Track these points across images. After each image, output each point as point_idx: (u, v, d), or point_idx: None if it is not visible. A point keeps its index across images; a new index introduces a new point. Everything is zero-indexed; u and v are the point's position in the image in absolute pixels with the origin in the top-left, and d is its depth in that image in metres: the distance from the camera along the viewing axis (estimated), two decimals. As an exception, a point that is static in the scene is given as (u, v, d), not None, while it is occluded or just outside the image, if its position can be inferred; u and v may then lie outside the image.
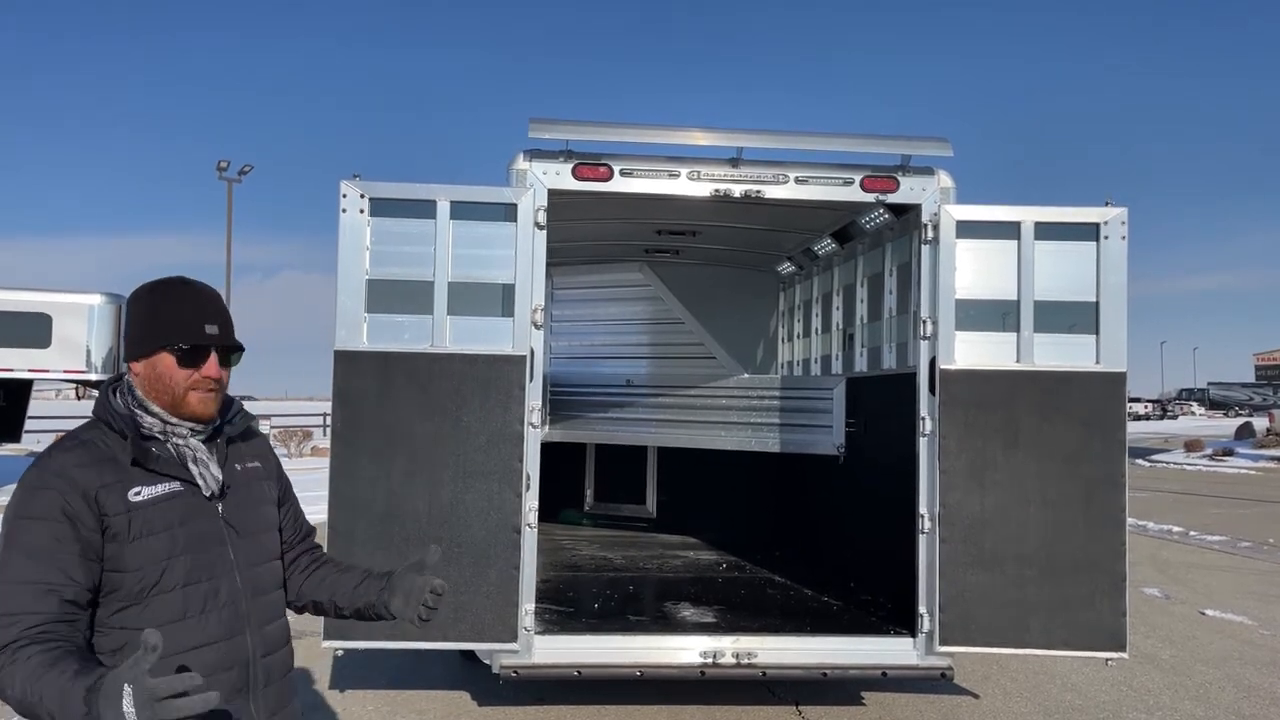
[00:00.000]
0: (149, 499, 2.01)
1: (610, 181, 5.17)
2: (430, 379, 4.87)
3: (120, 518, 1.97)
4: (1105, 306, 5.11)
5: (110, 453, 2.03)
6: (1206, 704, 6.16)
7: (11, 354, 16.01)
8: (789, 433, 8.05)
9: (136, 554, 1.98)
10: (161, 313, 2.12)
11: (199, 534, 2.08)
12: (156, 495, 2.03)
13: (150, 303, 2.14)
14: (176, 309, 2.12)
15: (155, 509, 2.02)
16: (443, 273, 4.96)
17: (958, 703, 6.07)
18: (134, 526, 1.98)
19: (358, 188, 4.91)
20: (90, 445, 2.04)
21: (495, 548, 4.82)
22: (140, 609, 1.98)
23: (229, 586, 2.12)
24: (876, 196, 5.33)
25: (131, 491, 2.00)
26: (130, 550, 1.97)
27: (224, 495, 2.16)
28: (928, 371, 5.13)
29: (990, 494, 5.01)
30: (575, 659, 5.11)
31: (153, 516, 2.01)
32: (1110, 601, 4.96)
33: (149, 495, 2.02)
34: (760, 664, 5.16)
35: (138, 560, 1.98)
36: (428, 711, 5.80)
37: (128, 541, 1.97)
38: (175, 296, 2.14)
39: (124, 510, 1.98)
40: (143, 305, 2.14)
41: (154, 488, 2.03)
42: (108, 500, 1.96)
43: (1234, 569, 11.11)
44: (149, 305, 2.14)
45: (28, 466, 2.04)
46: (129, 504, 1.98)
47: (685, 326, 8.88)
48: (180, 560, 2.03)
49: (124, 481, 2.00)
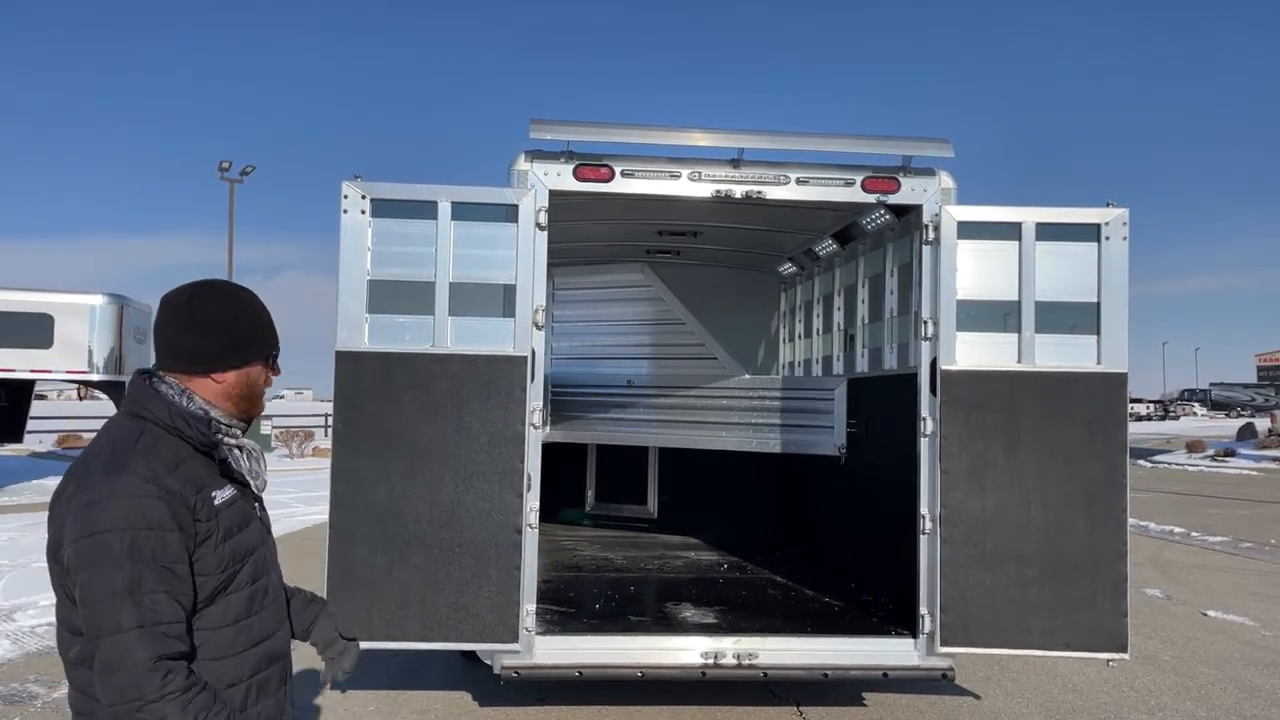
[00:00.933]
0: (225, 502, 2.05)
1: (611, 182, 5.17)
2: (431, 379, 4.87)
3: (210, 523, 2.00)
4: (1106, 307, 5.10)
5: (179, 455, 2.01)
6: (1208, 705, 6.16)
7: (13, 354, 16.04)
8: (790, 433, 8.04)
9: (217, 557, 2.02)
10: (257, 323, 2.15)
11: (255, 533, 2.16)
12: (228, 498, 2.07)
13: (238, 312, 2.13)
14: (262, 318, 2.17)
15: (229, 512, 2.06)
16: (444, 273, 4.96)
17: (959, 703, 6.07)
18: (219, 531, 2.02)
19: (359, 188, 4.91)
20: (163, 452, 1.99)
21: (496, 548, 4.82)
22: (213, 609, 2.02)
23: (273, 584, 2.22)
24: (878, 197, 5.33)
25: (213, 495, 2.03)
26: (214, 554, 2.01)
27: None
28: (929, 372, 5.13)
29: (991, 494, 5.01)
30: (576, 659, 5.11)
31: (228, 520, 2.05)
32: (1112, 602, 4.95)
33: (223, 498, 2.05)
34: (761, 665, 5.16)
35: (218, 564, 2.02)
36: (429, 712, 5.81)
37: (213, 546, 2.01)
38: (253, 305, 2.17)
39: (212, 516, 2.01)
40: (228, 314, 2.11)
41: (224, 491, 2.06)
42: (201, 507, 1.99)
43: (1235, 570, 11.10)
44: (236, 314, 2.13)
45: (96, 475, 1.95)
46: (214, 509, 2.01)
47: (686, 327, 8.88)
48: (247, 562, 2.10)
49: (207, 486, 2.02)
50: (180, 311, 2.09)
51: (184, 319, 2.08)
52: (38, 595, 8.64)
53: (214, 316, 2.09)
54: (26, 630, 7.61)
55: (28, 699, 6.00)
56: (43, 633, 7.51)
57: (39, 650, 7.06)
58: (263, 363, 2.16)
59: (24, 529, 12.59)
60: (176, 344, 2.08)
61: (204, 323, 2.08)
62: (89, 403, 43.02)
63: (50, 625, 7.71)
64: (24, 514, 14.14)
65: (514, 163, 5.11)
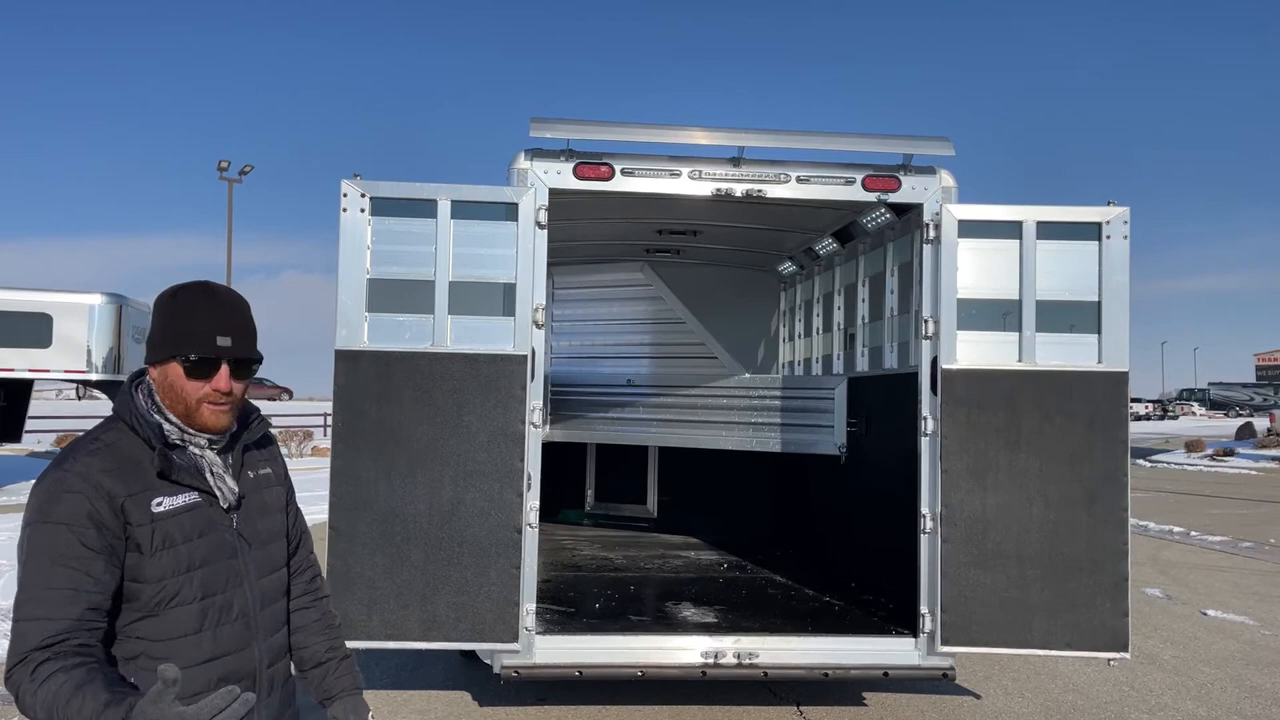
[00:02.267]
0: (170, 510, 2.00)
1: (611, 181, 5.16)
2: (431, 379, 4.86)
3: (144, 529, 1.95)
4: (1107, 306, 5.10)
5: (134, 457, 2.00)
6: (1208, 704, 6.15)
7: (12, 354, 16.03)
8: (790, 432, 8.04)
9: (156, 566, 1.96)
10: (175, 320, 2.06)
11: (215, 546, 2.07)
12: (177, 507, 2.01)
13: (168, 309, 2.08)
14: (189, 318, 2.06)
15: (175, 521, 2.00)
16: (444, 272, 4.95)
17: (959, 703, 6.06)
18: (155, 538, 1.96)
19: (358, 187, 4.90)
20: (114, 449, 2.00)
21: (496, 547, 4.81)
22: (156, 620, 1.98)
23: (240, 600, 2.12)
24: (878, 196, 5.32)
25: (154, 502, 1.98)
26: (150, 562, 1.96)
27: (239, 506, 2.15)
28: (929, 371, 5.12)
29: (992, 494, 5.00)
30: (576, 659, 5.10)
31: (172, 529, 1.99)
32: (1112, 601, 4.95)
33: (170, 506, 2.00)
34: (761, 664, 5.15)
35: (157, 572, 1.96)
36: (429, 711, 5.80)
37: (149, 554, 1.95)
38: (190, 304, 2.08)
39: (147, 521, 1.96)
40: (161, 311, 2.09)
41: (175, 499, 2.01)
42: (133, 510, 1.94)
43: (1235, 569, 11.10)
44: (166, 311, 2.08)
45: (48, 466, 2.02)
46: (152, 515, 1.97)
47: (686, 326, 8.87)
48: (197, 574, 2.02)
49: (148, 490, 1.98)
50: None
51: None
52: (36, 595, 8.63)
53: (154, 312, 2.10)
54: (25, 630, 7.59)
55: (26, 699, 5.99)
56: (41, 632, 7.50)
57: (38, 650, 7.05)
58: (176, 363, 2.03)
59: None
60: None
61: (152, 318, 2.11)
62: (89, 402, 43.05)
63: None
64: (22, 514, 14.12)
65: (514, 161, 5.10)
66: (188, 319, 2.05)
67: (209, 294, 2.12)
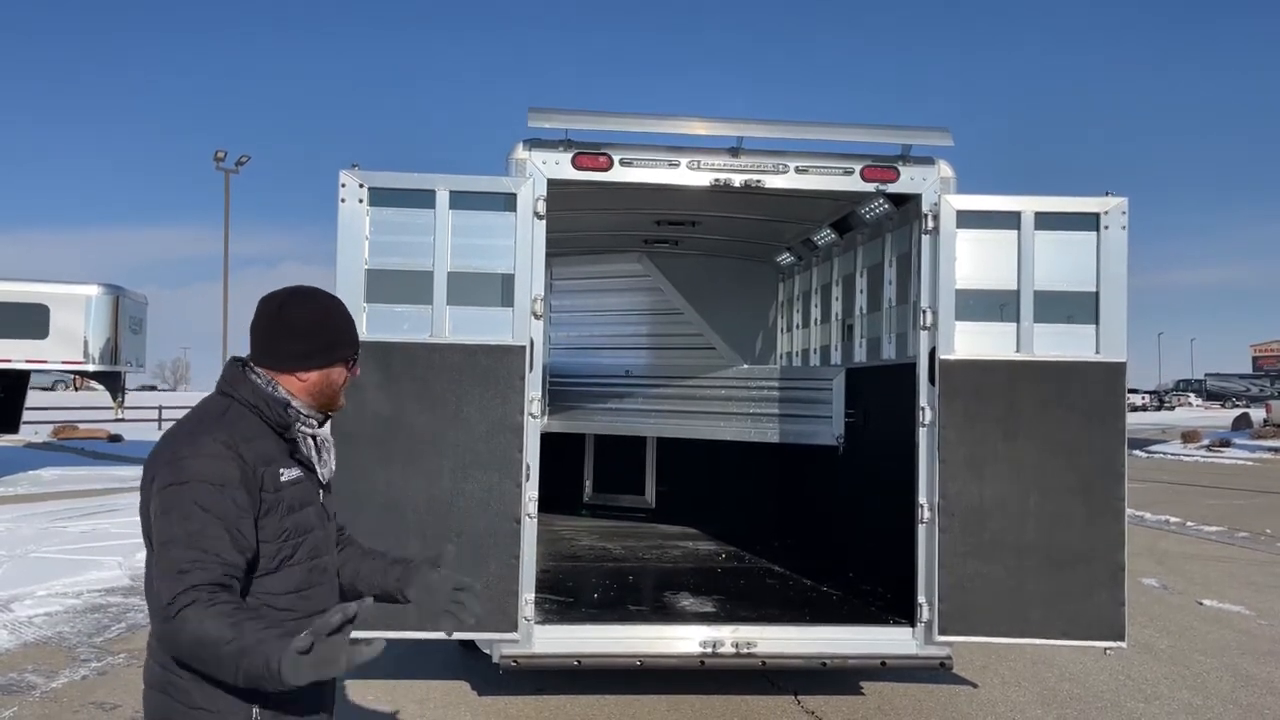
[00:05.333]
0: (291, 480, 2.24)
1: (610, 171, 5.16)
2: (430, 369, 4.86)
3: (275, 495, 2.19)
4: (1105, 297, 5.10)
5: (256, 431, 2.22)
6: (1204, 693, 6.18)
7: (9, 345, 16.01)
8: (788, 423, 8.05)
9: (280, 528, 2.20)
10: (336, 331, 2.36)
11: (316, 516, 2.32)
12: (294, 477, 2.26)
13: (321, 318, 2.34)
14: (347, 323, 2.39)
15: (295, 489, 2.25)
16: (442, 263, 4.95)
17: (956, 692, 6.09)
18: (283, 504, 2.21)
19: (356, 178, 4.90)
20: (239, 425, 2.20)
21: (495, 538, 4.82)
22: (274, 577, 2.20)
23: (331, 564, 2.39)
24: (877, 186, 5.32)
25: (281, 472, 2.22)
26: (276, 525, 2.19)
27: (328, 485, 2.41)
28: (928, 361, 5.13)
29: (990, 484, 5.01)
30: (575, 649, 5.12)
31: (293, 496, 2.24)
32: (1109, 591, 4.97)
33: (289, 477, 2.24)
34: (760, 654, 5.17)
35: (279, 533, 2.20)
36: (428, 701, 5.82)
37: (276, 517, 2.19)
38: (338, 314, 2.38)
39: (278, 489, 2.20)
40: (313, 322, 2.32)
41: (291, 471, 2.26)
42: (269, 479, 2.18)
43: (1231, 559, 11.14)
44: (320, 321, 2.33)
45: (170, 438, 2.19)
46: (280, 483, 2.21)
47: (684, 317, 8.87)
48: (308, 538, 2.27)
49: (276, 462, 2.22)
50: (272, 316, 2.32)
51: (275, 323, 2.31)
52: (35, 585, 8.64)
53: (302, 323, 2.31)
54: (24, 620, 7.60)
55: (25, 689, 6.00)
56: (40, 623, 7.51)
57: (36, 640, 7.06)
58: (343, 364, 2.37)
59: (20, 519, 12.56)
60: (267, 344, 2.31)
61: (293, 329, 2.30)
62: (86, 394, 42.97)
63: (47, 615, 7.72)
64: (20, 504, 14.12)
65: (512, 152, 5.09)
66: (347, 324, 2.39)
67: (334, 300, 2.41)
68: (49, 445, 25.22)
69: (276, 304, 2.34)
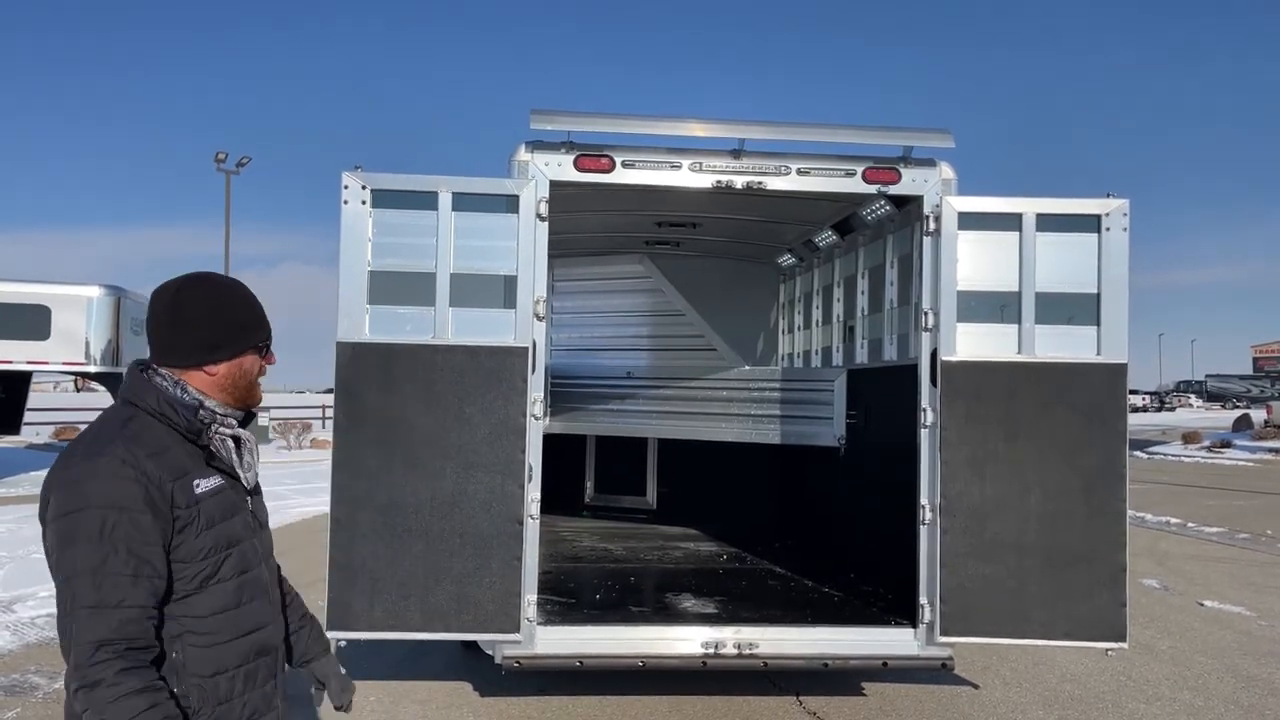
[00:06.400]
0: (208, 490, 2.06)
1: (612, 173, 5.17)
2: (433, 371, 4.87)
3: (190, 510, 2.00)
4: (1106, 298, 5.11)
5: (164, 442, 2.02)
6: (1205, 694, 6.19)
7: (11, 346, 16.02)
8: (789, 424, 8.05)
9: (199, 546, 2.02)
10: (237, 314, 2.15)
11: (243, 526, 2.15)
12: (212, 487, 2.07)
13: (218, 305, 2.13)
14: (246, 309, 2.17)
15: (213, 500, 2.06)
16: (445, 264, 4.96)
17: (957, 693, 6.09)
18: (201, 519, 2.02)
19: (359, 179, 4.91)
20: (144, 436, 2.01)
21: (498, 539, 4.82)
22: (200, 597, 2.03)
23: (263, 576, 2.21)
24: (878, 188, 5.32)
25: (195, 484, 2.03)
26: (195, 542, 2.01)
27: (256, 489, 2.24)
28: (929, 363, 5.14)
29: (991, 485, 5.02)
30: (577, 649, 5.13)
31: (212, 508, 2.06)
32: (1110, 592, 4.97)
33: (206, 487, 2.06)
34: (761, 654, 5.18)
35: (200, 551, 2.02)
36: (430, 702, 5.82)
37: (194, 534, 2.01)
38: (240, 297, 2.18)
39: (192, 503, 2.01)
40: (214, 307, 2.12)
41: (209, 480, 2.07)
42: (179, 494, 1.99)
43: (1232, 560, 11.14)
44: (218, 309, 2.13)
45: (68, 457, 1.99)
46: (194, 496, 2.02)
47: (686, 318, 8.88)
48: (235, 550, 2.10)
49: (189, 474, 2.03)
50: (167, 307, 2.11)
51: (172, 315, 2.10)
52: (37, 586, 8.65)
53: (200, 311, 2.10)
54: (26, 621, 7.61)
55: (28, 690, 6.01)
56: (42, 624, 7.52)
57: (39, 641, 7.07)
58: (254, 352, 2.17)
59: (22, 520, 12.57)
60: (167, 339, 2.10)
61: (191, 318, 2.09)
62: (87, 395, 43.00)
63: (49, 616, 7.72)
64: (22, 505, 14.13)
65: (514, 153, 5.10)
66: (246, 310, 2.17)
67: (238, 282, 2.21)
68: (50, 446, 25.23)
69: (171, 294, 2.11)
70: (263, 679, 2.17)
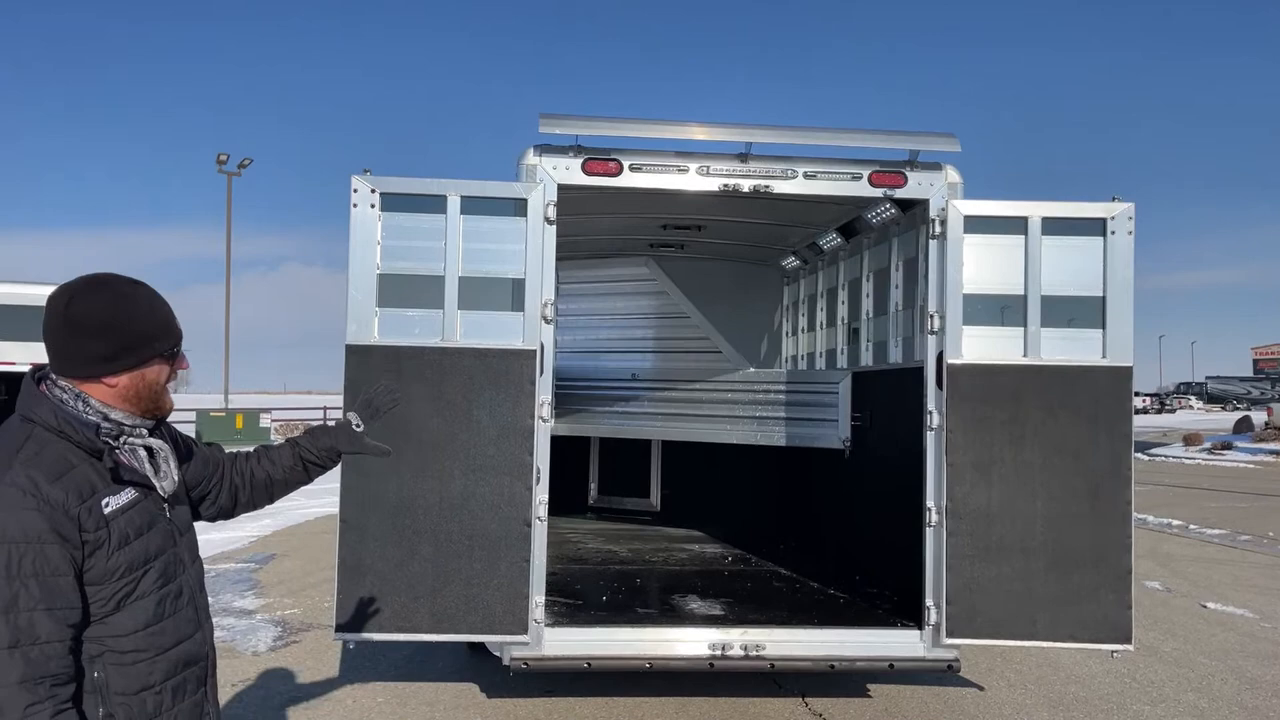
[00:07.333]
0: (119, 508, 1.96)
1: (620, 176, 5.19)
2: (441, 373, 4.89)
3: (99, 533, 1.91)
4: (1112, 301, 5.13)
5: (67, 461, 1.92)
6: (1209, 696, 6.20)
7: (13, 347, 16.05)
8: (794, 426, 8.07)
9: (114, 565, 1.94)
10: (141, 322, 2.01)
11: (162, 536, 2.07)
12: (124, 504, 1.97)
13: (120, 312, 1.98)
14: (151, 315, 2.03)
15: (125, 517, 1.97)
16: (453, 267, 4.98)
17: (963, 694, 6.11)
18: (113, 539, 1.94)
19: (368, 183, 4.93)
20: (44, 457, 1.91)
21: (506, 541, 4.84)
22: (119, 616, 1.97)
23: (187, 585, 2.14)
24: (884, 191, 5.34)
25: (103, 503, 1.93)
26: (108, 563, 1.93)
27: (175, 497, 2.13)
28: (935, 366, 5.16)
29: (997, 487, 5.04)
30: (585, 651, 5.14)
31: (125, 525, 1.97)
32: (1116, 594, 4.99)
33: (117, 505, 1.96)
34: (768, 656, 5.20)
35: (115, 571, 1.94)
36: (437, 703, 5.84)
37: (105, 555, 1.92)
38: (145, 301, 2.03)
39: (101, 525, 1.92)
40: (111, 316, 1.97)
41: (119, 496, 1.97)
42: (85, 517, 1.90)
43: (1234, 562, 11.16)
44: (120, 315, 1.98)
45: None
46: (105, 518, 1.92)
47: (690, 321, 8.90)
48: (154, 565, 2.02)
49: (97, 492, 1.93)
50: (59, 315, 1.96)
51: (64, 323, 1.96)
52: None
53: (96, 319, 1.95)
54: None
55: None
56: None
57: None
58: (160, 360, 2.04)
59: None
60: (63, 349, 1.97)
61: (86, 326, 1.95)
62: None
63: None
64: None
65: (523, 157, 5.12)
66: (147, 318, 2.02)
67: (135, 285, 2.04)
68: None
69: (65, 299, 1.96)
70: (192, 689, 2.12)
